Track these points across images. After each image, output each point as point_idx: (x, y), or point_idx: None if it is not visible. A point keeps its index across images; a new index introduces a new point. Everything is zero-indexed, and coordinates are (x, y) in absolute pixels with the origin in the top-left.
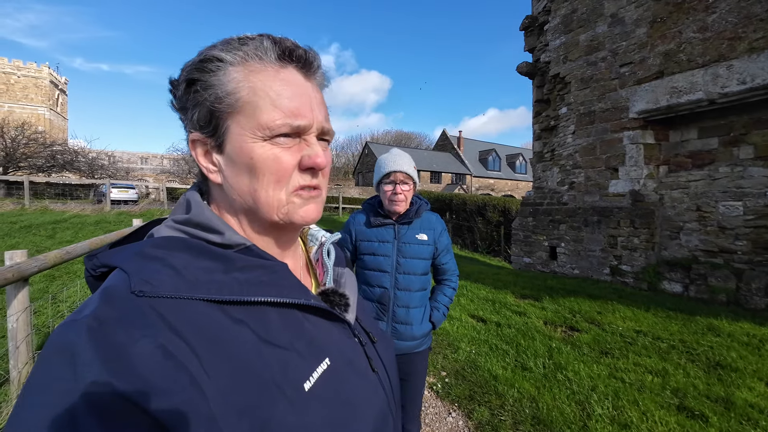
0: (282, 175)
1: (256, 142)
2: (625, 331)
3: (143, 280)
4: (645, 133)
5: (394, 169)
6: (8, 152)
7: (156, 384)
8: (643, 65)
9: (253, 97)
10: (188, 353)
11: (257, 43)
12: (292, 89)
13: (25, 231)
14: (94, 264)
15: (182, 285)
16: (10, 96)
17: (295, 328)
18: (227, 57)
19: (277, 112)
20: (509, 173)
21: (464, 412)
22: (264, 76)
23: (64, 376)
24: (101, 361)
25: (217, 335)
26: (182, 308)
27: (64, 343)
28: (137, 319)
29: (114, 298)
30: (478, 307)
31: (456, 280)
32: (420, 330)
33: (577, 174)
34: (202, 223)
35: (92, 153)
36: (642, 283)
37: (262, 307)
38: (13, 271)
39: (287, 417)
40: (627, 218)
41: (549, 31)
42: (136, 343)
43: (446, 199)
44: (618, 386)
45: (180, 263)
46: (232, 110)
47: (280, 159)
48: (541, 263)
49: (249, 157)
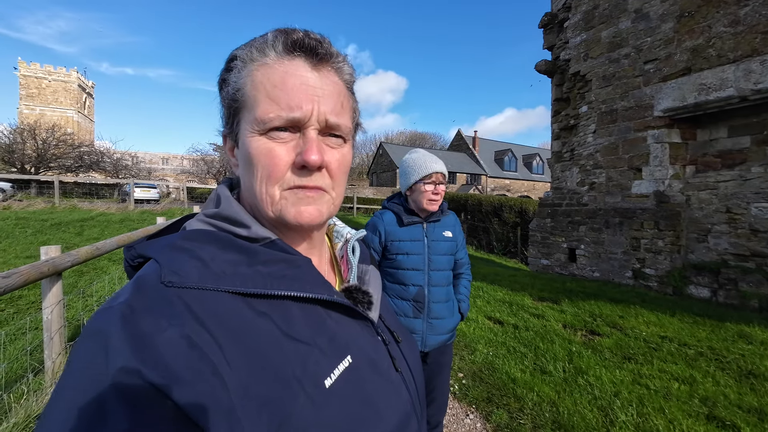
0: (273, 170)
1: (253, 135)
2: (649, 336)
3: (172, 270)
4: (671, 132)
5: (436, 170)
6: (39, 153)
7: (180, 373)
8: (669, 61)
9: (253, 91)
10: (212, 344)
11: (265, 38)
12: (291, 80)
13: (56, 228)
14: (131, 254)
15: (208, 276)
16: (41, 99)
17: (317, 324)
18: (241, 54)
19: (271, 105)
20: (526, 174)
21: (482, 414)
22: (266, 70)
23: (96, 360)
24: (130, 348)
25: (240, 327)
26: (207, 299)
27: (98, 328)
28: (165, 309)
29: (145, 287)
30: (494, 308)
31: (470, 273)
32: (452, 322)
33: (597, 174)
34: (229, 217)
35: (117, 154)
36: (667, 288)
37: (285, 302)
38: (49, 266)
39: (306, 412)
40: (651, 220)
41: (569, 28)
42: (163, 332)
43: (461, 200)
44: (642, 393)
45: (207, 255)
46: (240, 105)
47: (272, 153)
48: (559, 265)
49: (247, 151)
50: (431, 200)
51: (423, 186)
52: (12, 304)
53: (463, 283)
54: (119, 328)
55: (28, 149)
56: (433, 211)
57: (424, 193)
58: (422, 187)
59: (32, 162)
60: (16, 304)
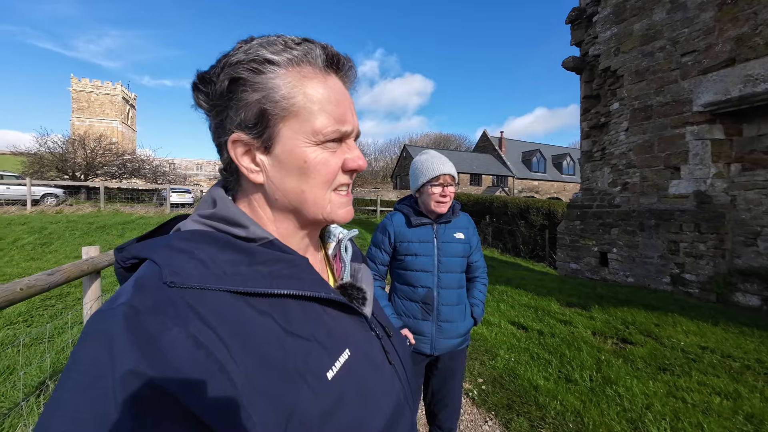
0: (330, 177)
1: (309, 146)
2: (687, 346)
3: (174, 271)
4: (712, 128)
5: (443, 172)
6: (88, 161)
7: (187, 372)
8: (710, 53)
9: (308, 104)
10: (217, 342)
11: (307, 49)
12: (337, 96)
13: (100, 231)
14: (124, 256)
15: (209, 276)
16: (90, 112)
17: (316, 321)
18: (278, 59)
19: (328, 119)
20: (555, 174)
21: (501, 421)
22: (316, 83)
23: (100, 363)
24: (137, 349)
25: (243, 325)
26: (210, 299)
27: (101, 330)
28: (169, 309)
29: (147, 287)
30: (519, 313)
31: (486, 277)
32: (464, 327)
33: (631, 174)
34: (227, 218)
35: (156, 161)
36: (709, 294)
37: (284, 300)
38: (89, 264)
39: (311, 404)
40: (691, 222)
41: (598, 22)
42: (169, 332)
43: (486, 202)
44: (678, 406)
45: (206, 256)
46: (286, 114)
47: (329, 162)
48: (589, 270)
49: (303, 161)
50: (439, 202)
51: (431, 188)
52: (61, 300)
53: (478, 287)
54: (124, 330)
55: (79, 158)
56: (442, 213)
57: (432, 195)
58: (430, 189)
59: (82, 169)
60: (65, 300)
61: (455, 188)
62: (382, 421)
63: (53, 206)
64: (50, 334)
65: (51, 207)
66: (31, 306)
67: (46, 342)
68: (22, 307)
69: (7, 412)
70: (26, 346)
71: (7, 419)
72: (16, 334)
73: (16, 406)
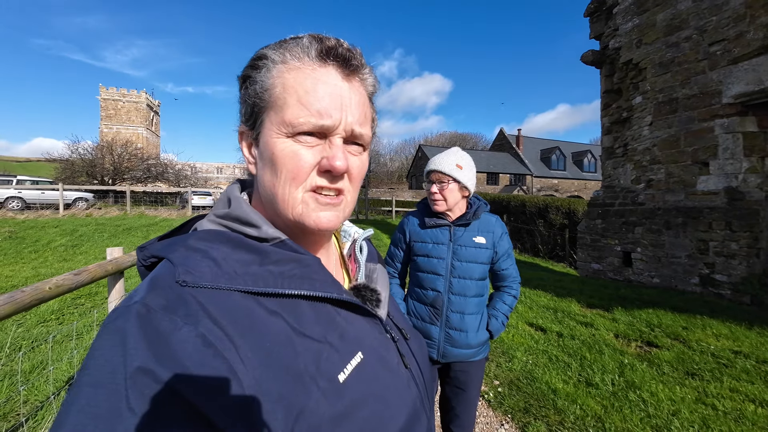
0: (298, 173)
1: (279, 137)
2: (718, 350)
3: (186, 270)
4: (744, 120)
5: (431, 168)
6: (115, 167)
7: (195, 371)
8: (741, 41)
9: (283, 93)
10: (226, 342)
11: (298, 41)
12: (323, 88)
13: (126, 233)
14: (144, 255)
15: (221, 276)
16: (117, 119)
17: (328, 322)
18: (272, 55)
19: (302, 110)
20: (576, 172)
21: (518, 425)
22: (298, 74)
23: (113, 359)
24: (147, 347)
25: (253, 325)
26: (221, 298)
27: (116, 327)
28: (181, 308)
29: (160, 286)
30: (537, 315)
31: (517, 288)
32: (476, 338)
33: (655, 170)
34: (239, 217)
35: (178, 165)
36: (743, 296)
37: (296, 300)
38: (113, 264)
39: (321, 407)
40: (721, 220)
41: (619, 14)
42: (179, 331)
43: (503, 201)
44: (707, 414)
45: (219, 255)
46: (267, 105)
47: (298, 156)
48: (612, 270)
49: (271, 152)
50: (433, 201)
51: (428, 187)
52: (90, 299)
53: (503, 298)
54: (136, 327)
55: (107, 163)
56: (442, 212)
57: (429, 194)
58: (428, 187)
59: (110, 174)
60: (93, 300)
61: (452, 186)
62: (397, 427)
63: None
64: (78, 331)
65: (81, 210)
66: (63, 304)
67: (74, 339)
68: (55, 305)
69: (40, 405)
70: (57, 342)
71: (40, 411)
72: (48, 331)
73: (47, 400)
